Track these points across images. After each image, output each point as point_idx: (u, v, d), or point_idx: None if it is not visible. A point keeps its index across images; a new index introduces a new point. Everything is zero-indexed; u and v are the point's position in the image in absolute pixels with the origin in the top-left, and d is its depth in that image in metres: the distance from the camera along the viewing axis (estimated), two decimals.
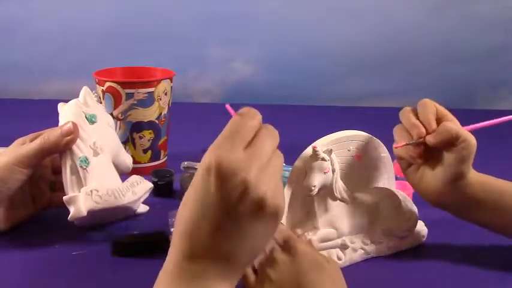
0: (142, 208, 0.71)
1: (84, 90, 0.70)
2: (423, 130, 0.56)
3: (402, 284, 0.59)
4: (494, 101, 1.40)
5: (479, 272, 0.61)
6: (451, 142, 0.55)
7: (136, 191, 0.68)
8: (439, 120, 0.57)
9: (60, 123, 0.66)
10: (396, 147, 0.59)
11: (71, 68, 1.29)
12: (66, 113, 0.67)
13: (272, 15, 1.30)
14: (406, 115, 0.58)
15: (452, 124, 0.56)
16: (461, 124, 0.57)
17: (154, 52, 1.27)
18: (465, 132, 0.56)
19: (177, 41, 1.30)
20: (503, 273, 0.60)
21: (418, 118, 0.58)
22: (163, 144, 0.88)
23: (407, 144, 0.57)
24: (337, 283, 0.51)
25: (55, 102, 0.69)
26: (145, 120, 0.83)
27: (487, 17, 1.33)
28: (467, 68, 1.36)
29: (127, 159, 0.75)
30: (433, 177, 0.58)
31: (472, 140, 0.56)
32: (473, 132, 0.58)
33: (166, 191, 0.78)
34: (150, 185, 0.72)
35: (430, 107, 0.57)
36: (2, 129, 0.86)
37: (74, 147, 0.64)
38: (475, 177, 0.58)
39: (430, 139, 0.56)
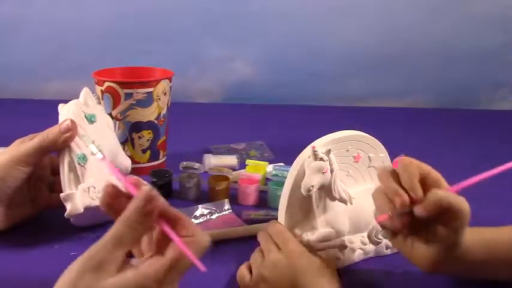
0: None
1: (85, 91, 0.70)
2: (407, 199, 0.48)
3: (401, 284, 0.59)
4: (495, 101, 1.39)
5: None
6: (443, 212, 0.48)
7: None
8: (423, 181, 0.49)
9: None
10: (379, 222, 0.51)
11: (71, 68, 1.29)
12: (66, 112, 0.67)
13: (272, 15, 1.30)
14: (386, 179, 0.50)
15: (443, 192, 0.48)
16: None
17: (154, 52, 1.28)
18: (458, 200, 0.48)
19: (177, 41, 1.30)
20: None
21: (399, 181, 0.49)
22: (162, 144, 0.88)
23: (391, 217, 0.49)
24: (333, 284, 0.51)
25: (55, 102, 0.69)
26: (144, 120, 0.83)
27: (487, 17, 1.33)
28: (467, 68, 1.36)
29: (125, 162, 0.75)
30: (425, 249, 0.51)
31: (466, 208, 0.49)
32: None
33: (165, 191, 0.78)
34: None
35: (413, 169, 0.49)
36: (2, 129, 0.86)
37: (72, 144, 0.64)
38: (471, 238, 0.52)
39: (418, 210, 0.48)
